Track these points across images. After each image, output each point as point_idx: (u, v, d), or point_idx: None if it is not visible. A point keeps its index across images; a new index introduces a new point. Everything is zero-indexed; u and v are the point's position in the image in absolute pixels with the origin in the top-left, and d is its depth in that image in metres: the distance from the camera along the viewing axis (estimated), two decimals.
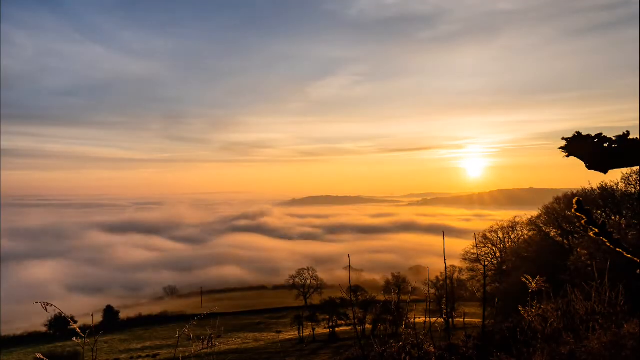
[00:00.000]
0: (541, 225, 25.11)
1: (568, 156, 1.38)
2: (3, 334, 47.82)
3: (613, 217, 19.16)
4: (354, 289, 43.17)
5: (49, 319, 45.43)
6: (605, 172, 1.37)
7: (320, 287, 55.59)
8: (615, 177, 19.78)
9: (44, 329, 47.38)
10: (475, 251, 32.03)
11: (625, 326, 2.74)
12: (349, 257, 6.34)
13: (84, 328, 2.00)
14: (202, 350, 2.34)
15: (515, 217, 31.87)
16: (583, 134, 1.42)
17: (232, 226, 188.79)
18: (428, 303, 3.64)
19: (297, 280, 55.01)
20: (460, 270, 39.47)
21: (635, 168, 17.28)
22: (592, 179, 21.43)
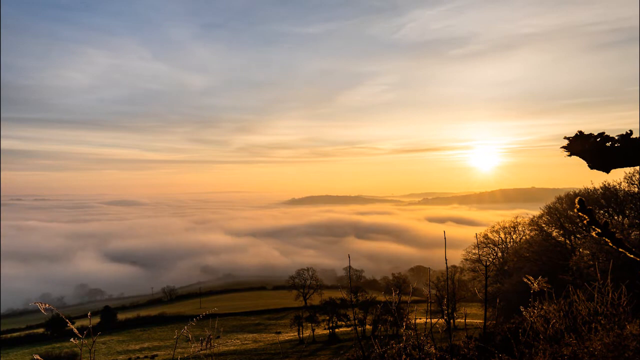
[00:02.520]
0: (543, 225, 24.97)
1: (570, 155, 1.36)
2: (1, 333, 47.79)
3: (616, 217, 19.10)
4: (354, 289, 43.21)
5: (47, 319, 45.13)
6: (607, 171, 1.35)
7: (319, 287, 55.67)
8: (617, 176, 19.83)
9: (41, 330, 47.18)
10: (477, 251, 31.88)
11: (628, 327, 2.71)
12: (349, 257, 6.29)
13: (81, 329, 1.99)
14: (200, 352, 2.32)
15: (517, 217, 31.78)
16: (585, 133, 1.40)
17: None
18: (429, 304, 3.63)
19: (296, 280, 54.99)
20: (462, 270, 39.30)
21: (638, 167, 17.18)
22: (595, 179, 21.55)
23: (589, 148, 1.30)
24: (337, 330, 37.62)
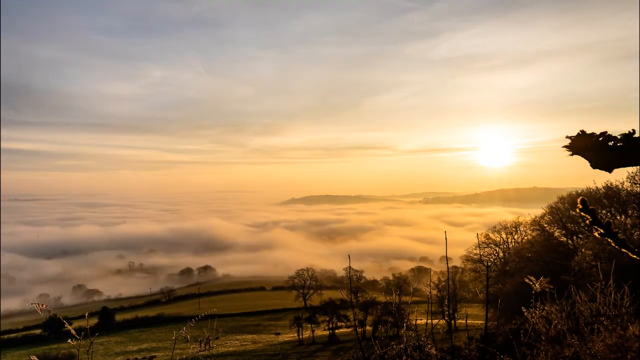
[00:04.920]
0: (545, 225, 24.95)
1: (572, 155, 1.35)
2: None
3: (618, 217, 19.06)
4: (354, 290, 43.29)
5: (44, 320, 44.95)
6: (610, 171, 1.33)
7: (319, 288, 55.37)
8: (620, 176, 19.74)
9: (38, 331, 47.02)
10: (478, 252, 31.82)
11: (631, 328, 2.69)
12: (349, 257, 6.20)
13: (79, 330, 1.98)
14: (199, 353, 2.31)
15: (519, 217, 31.74)
16: (587, 132, 1.38)
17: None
18: (429, 304, 3.59)
19: (296, 281, 54.74)
20: (463, 271, 39.18)
21: None
22: (597, 178, 21.40)
23: (591, 147, 1.28)
24: (337, 331, 37.57)
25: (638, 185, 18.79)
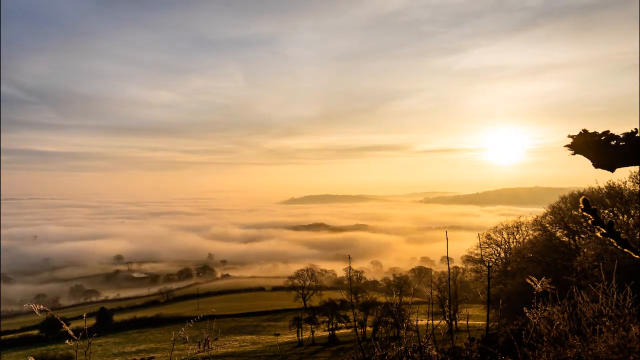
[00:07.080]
0: (547, 225, 24.87)
1: (574, 154, 1.33)
2: None
3: (621, 217, 18.97)
4: (355, 290, 43.07)
5: (42, 321, 44.60)
6: (612, 170, 1.31)
7: (319, 288, 55.22)
8: (622, 175, 19.78)
9: (36, 332, 46.57)
10: (479, 252, 31.70)
11: (633, 329, 2.66)
12: (349, 257, 6.25)
13: (77, 330, 1.99)
14: (198, 353, 2.30)
15: (520, 216, 31.64)
16: (589, 131, 1.36)
17: None
18: (430, 305, 3.58)
19: (296, 281, 54.46)
20: (464, 271, 39.11)
21: None
22: (599, 178, 21.43)
23: (593, 146, 1.27)
24: (337, 332, 37.48)
25: None
